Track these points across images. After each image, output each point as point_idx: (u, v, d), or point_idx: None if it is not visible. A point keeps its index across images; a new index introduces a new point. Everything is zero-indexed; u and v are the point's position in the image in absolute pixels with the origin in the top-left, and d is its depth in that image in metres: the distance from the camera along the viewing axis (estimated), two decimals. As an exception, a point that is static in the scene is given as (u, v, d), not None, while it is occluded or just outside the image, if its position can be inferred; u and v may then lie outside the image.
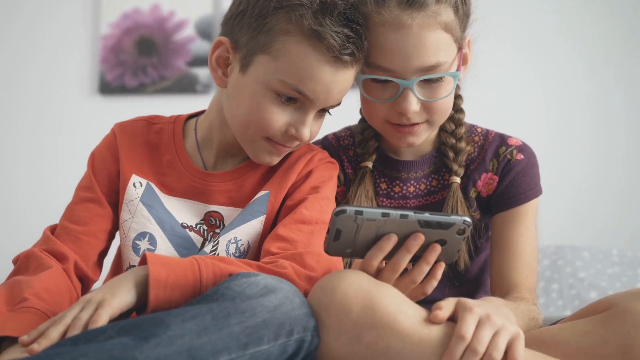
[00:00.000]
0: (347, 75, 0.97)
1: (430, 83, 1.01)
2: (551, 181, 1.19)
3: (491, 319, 0.77)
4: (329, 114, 1.03)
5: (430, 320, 0.78)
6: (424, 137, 1.09)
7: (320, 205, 1.01)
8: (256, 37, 0.95)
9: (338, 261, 0.97)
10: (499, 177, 1.12)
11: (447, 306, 0.80)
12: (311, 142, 1.18)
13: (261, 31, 0.94)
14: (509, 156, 1.13)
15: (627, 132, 2.43)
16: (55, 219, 1.07)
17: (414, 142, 1.07)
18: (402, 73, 0.99)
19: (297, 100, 0.97)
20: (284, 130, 0.98)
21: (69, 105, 2.63)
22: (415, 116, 1.03)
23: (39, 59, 2.65)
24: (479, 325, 0.76)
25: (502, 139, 1.15)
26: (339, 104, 1.01)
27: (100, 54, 2.61)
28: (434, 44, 0.98)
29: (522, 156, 1.13)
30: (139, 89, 2.59)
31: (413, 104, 1.00)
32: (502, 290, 1.08)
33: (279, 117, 0.97)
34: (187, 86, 2.58)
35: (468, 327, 0.76)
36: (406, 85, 0.99)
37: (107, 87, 2.60)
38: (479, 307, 0.78)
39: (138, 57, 2.61)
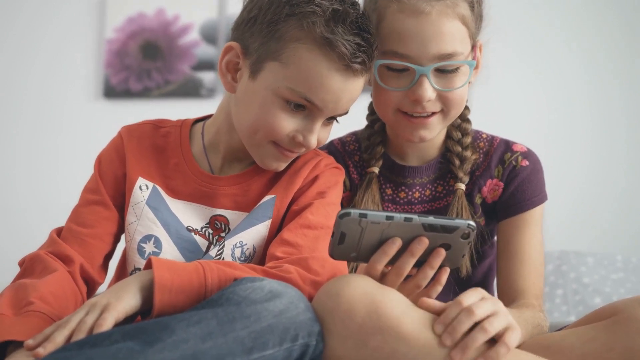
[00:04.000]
0: (357, 84, 0.98)
1: (445, 73, 1.02)
2: (555, 186, 1.19)
3: (495, 301, 0.79)
4: (337, 122, 1.04)
5: (419, 305, 0.80)
6: (436, 132, 1.08)
7: (325, 211, 1.01)
8: (267, 43, 0.95)
9: (343, 266, 0.97)
10: (504, 184, 1.12)
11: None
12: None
13: (272, 38, 0.95)
14: (514, 162, 1.13)
15: (629, 135, 2.42)
16: (59, 222, 1.07)
17: (426, 136, 1.07)
18: (419, 59, 1.00)
19: (305, 107, 0.97)
20: (291, 137, 0.98)
21: (74, 109, 2.64)
22: (430, 105, 1.03)
23: (44, 62, 2.66)
24: (482, 300, 0.79)
25: (507, 145, 1.15)
26: (347, 112, 1.01)
27: (105, 58, 2.62)
28: (452, 32, 1.00)
29: (527, 162, 1.13)
30: (144, 93, 2.60)
31: (429, 91, 1.01)
32: (509, 297, 1.08)
33: (287, 124, 0.97)
34: (191, 90, 2.58)
35: (469, 297, 0.78)
36: (422, 72, 1.00)
37: (112, 91, 2.61)
38: (486, 293, 0.81)
39: (143, 61, 2.62)
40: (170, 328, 0.72)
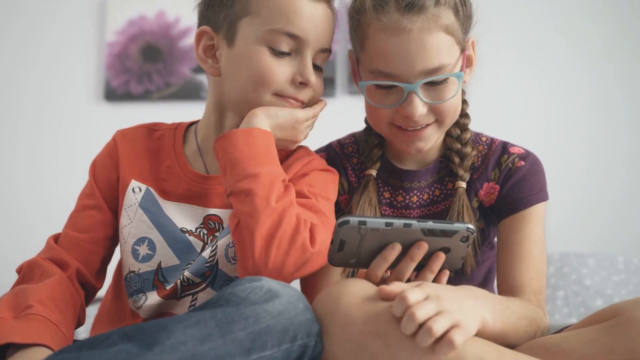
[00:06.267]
0: (327, 12, 1.02)
1: (434, 86, 1.01)
2: (555, 187, 1.18)
3: (440, 300, 0.75)
4: (321, 71, 1.05)
5: (379, 293, 0.78)
6: (432, 141, 1.07)
7: (317, 200, 1.00)
8: (232, 7, 0.99)
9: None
10: (500, 186, 1.11)
11: (400, 285, 0.78)
12: (315, 148, 1.18)
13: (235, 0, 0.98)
14: (510, 165, 1.12)
15: (630, 135, 2.40)
16: (59, 225, 1.07)
17: (423, 147, 1.06)
18: (405, 77, 0.99)
19: (290, 51, 0.99)
20: (290, 80, 1.00)
21: (74, 112, 2.64)
22: (423, 119, 1.02)
23: (45, 65, 2.66)
24: (426, 300, 0.75)
25: (505, 148, 1.14)
26: (330, 51, 1.04)
27: (106, 60, 2.62)
28: (436, 46, 0.98)
29: (523, 163, 1.12)
30: (145, 96, 2.60)
31: (419, 107, 1.00)
32: (506, 293, 1.06)
33: (281, 69, 0.98)
34: (192, 93, 2.58)
35: (413, 295, 0.74)
36: (410, 89, 0.99)
37: (113, 94, 2.61)
38: (430, 288, 0.77)
39: (143, 64, 2.62)
40: (168, 330, 0.72)
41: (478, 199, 1.13)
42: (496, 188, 1.12)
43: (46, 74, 2.66)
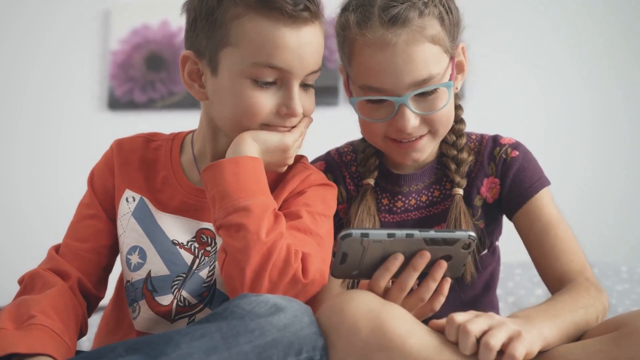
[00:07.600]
0: (313, 34, 0.96)
1: (425, 96, 1.00)
2: (556, 194, 1.17)
3: (489, 315, 0.77)
4: (312, 87, 1.01)
5: (431, 326, 0.80)
6: (428, 151, 1.08)
7: (314, 219, 0.99)
8: (213, 35, 0.95)
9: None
10: (500, 179, 1.11)
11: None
12: (313, 158, 1.18)
13: (215, 27, 0.95)
14: (504, 155, 1.11)
15: (631, 137, 2.39)
16: (61, 233, 1.07)
17: (419, 157, 1.06)
18: (395, 91, 0.99)
19: (275, 81, 0.96)
20: (275, 112, 0.97)
21: (78, 121, 2.64)
22: (416, 130, 1.02)
23: (48, 74, 2.67)
24: (476, 317, 0.77)
25: (495, 141, 1.14)
26: (319, 69, 0.99)
27: (110, 69, 2.64)
28: (423, 57, 0.97)
29: (517, 152, 1.11)
30: (148, 105, 2.61)
31: (411, 119, 1.00)
32: (556, 284, 1.04)
33: (265, 101, 0.95)
34: (195, 102, 2.52)
35: (460, 315, 0.77)
36: (401, 102, 0.99)
37: (116, 103, 2.62)
38: (478, 313, 0.79)
39: (147, 73, 2.63)
40: (174, 342, 0.71)
41: (481, 196, 1.12)
42: (496, 182, 1.11)
43: (50, 83, 2.67)
